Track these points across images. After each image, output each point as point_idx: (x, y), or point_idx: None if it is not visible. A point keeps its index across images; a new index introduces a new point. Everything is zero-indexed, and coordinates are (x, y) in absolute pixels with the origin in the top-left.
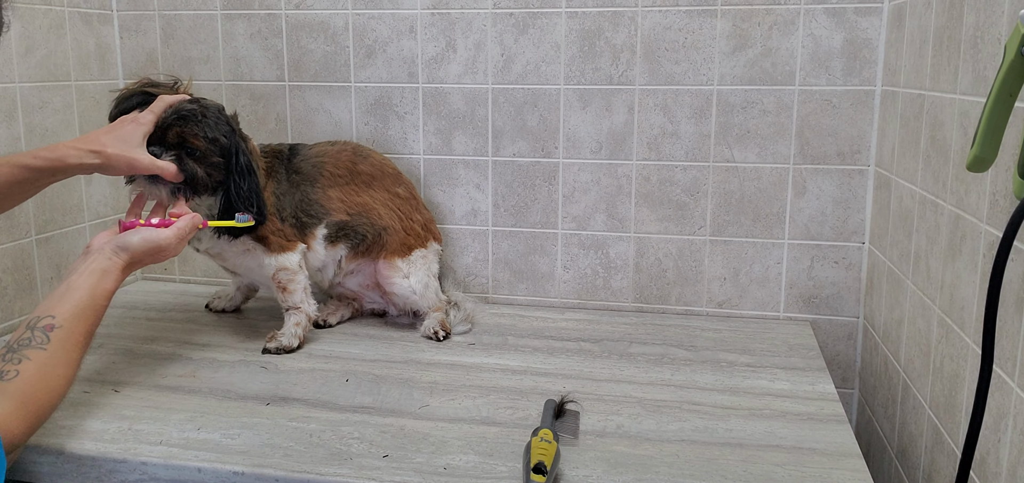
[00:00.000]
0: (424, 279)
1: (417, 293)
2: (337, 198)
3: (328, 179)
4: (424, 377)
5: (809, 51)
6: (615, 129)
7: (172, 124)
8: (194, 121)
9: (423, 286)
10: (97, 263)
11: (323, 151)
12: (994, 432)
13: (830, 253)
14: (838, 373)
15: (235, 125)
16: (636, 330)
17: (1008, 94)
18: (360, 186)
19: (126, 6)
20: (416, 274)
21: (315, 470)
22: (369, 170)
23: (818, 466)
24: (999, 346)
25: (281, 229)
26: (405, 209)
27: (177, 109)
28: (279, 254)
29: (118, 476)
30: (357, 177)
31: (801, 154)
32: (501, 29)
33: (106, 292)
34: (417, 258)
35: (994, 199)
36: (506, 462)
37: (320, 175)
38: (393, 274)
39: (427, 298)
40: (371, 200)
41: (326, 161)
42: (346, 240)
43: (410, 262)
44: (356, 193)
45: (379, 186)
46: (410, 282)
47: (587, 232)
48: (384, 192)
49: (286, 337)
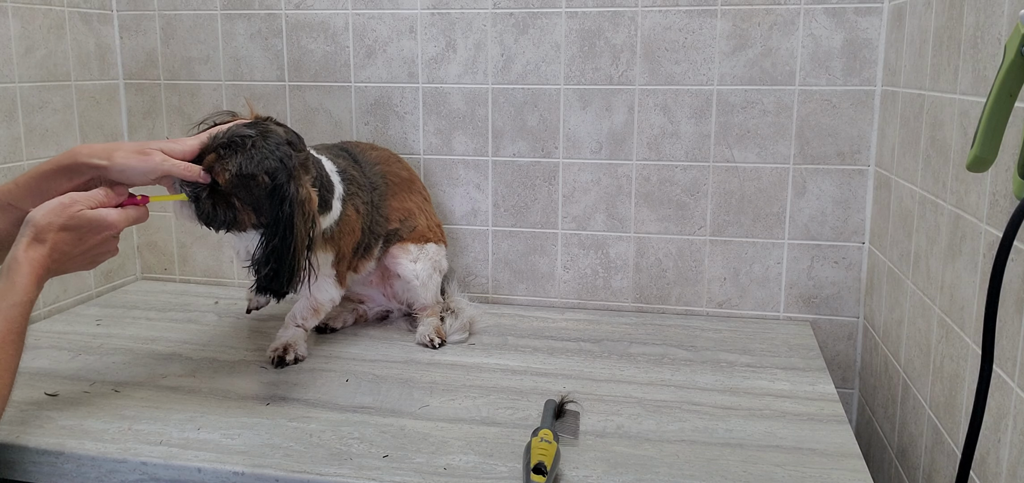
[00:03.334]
0: (429, 270)
1: (419, 280)
2: (396, 207)
3: (391, 189)
4: (424, 377)
5: (809, 51)
6: (615, 129)
7: (211, 148)
8: (233, 150)
9: (427, 275)
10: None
11: (377, 157)
12: (994, 432)
13: (830, 253)
14: (838, 373)
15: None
16: (636, 330)
17: (1008, 94)
18: (405, 192)
19: (126, 6)
20: (423, 262)
21: (315, 470)
22: (407, 174)
23: (818, 466)
24: (999, 346)
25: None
26: (428, 209)
27: (231, 133)
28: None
29: (118, 476)
30: (404, 184)
31: (801, 154)
32: (501, 29)
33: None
34: (430, 249)
35: (994, 199)
36: (506, 462)
37: (386, 185)
38: (403, 256)
39: (428, 289)
40: (412, 204)
41: (388, 170)
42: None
43: (422, 249)
44: (406, 199)
45: (416, 189)
46: (416, 267)
47: (587, 232)
48: (418, 195)
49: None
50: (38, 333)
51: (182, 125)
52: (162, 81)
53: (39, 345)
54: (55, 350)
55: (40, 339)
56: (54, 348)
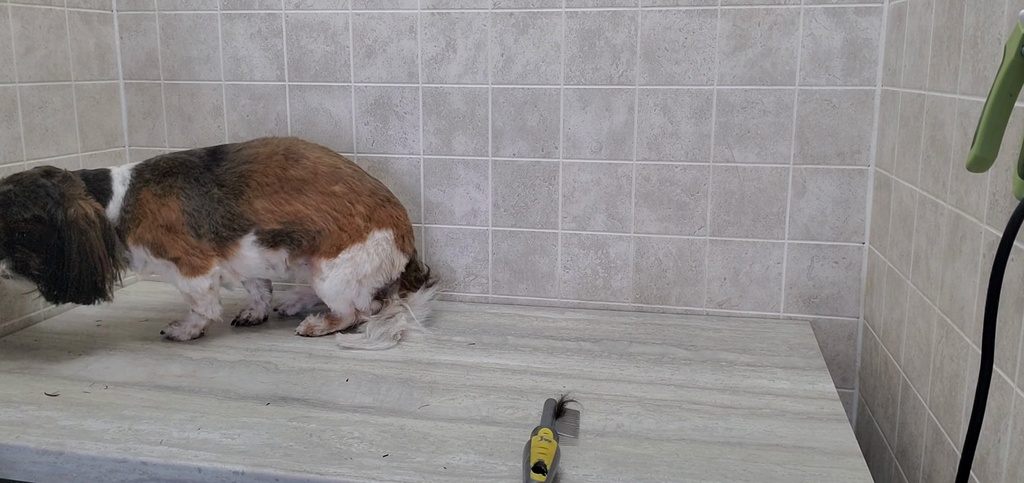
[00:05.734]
0: (338, 286)
1: (329, 297)
2: (265, 209)
3: (255, 190)
4: (424, 377)
5: (809, 51)
6: (615, 129)
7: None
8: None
9: (335, 292)
10: None
11: (252, 156)
12: (994, 432)
13: (830, 253)
14: (838, 373)
15: (56, 194)
16: (636, 330)
17: (1008, 94)
18: (291, 194)
19: (126, 6)
20: (333, 278)
21: (315, 470)
22: (301, 174)
23: (818, 465)
24: (999, 346)
25: (197, 247)
26: (342, 206)
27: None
28: (190, 278)
29: (118, 476)
30: (288, 184)
31: (801, 154)
32: (501, 29)
33: None
34: (342, 260)
35: (994, 199)
36: (506, 461)
37: (246, 186)
38: (314, 277)
39: (339, 304)
40: (303, 207)
41: (254, 170)
42: (286, 245)
43: (333, 265)
44: (287, 202)
45: (312, 190)
46: (325, 286)
47: (587, 232)
48: (317, 195)
49: (180, 331)
50: (38, 333)
51: (182, 125)
52: (162, 81)
53: (39, 345)
54: (55, 350)
55: (40, 339)
56: (54, 348)
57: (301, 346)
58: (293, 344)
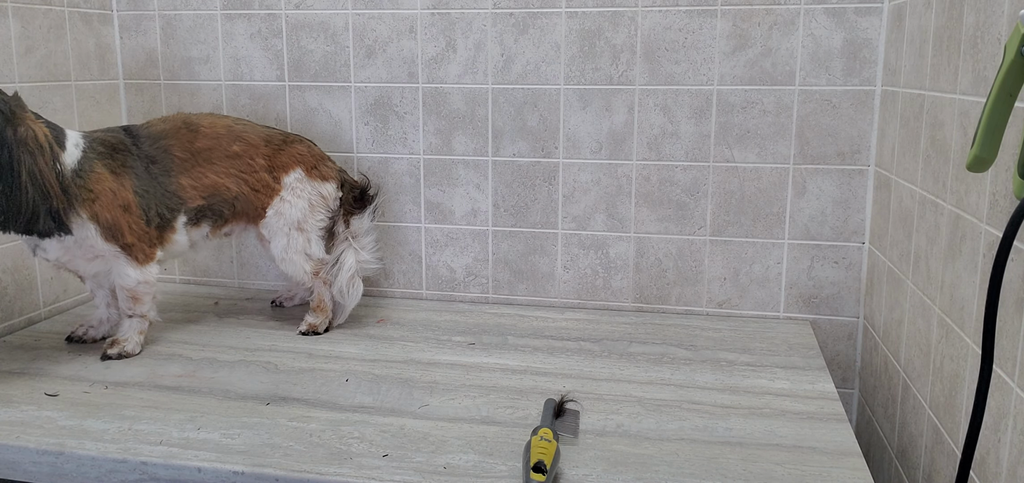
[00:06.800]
0: (282, 242)
1: (281, 259)
2: (189, 185)
3: (178, 167)
4: (424, 377)
5: (809, 51)
6: (615, 129)
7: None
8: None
9: (283, 250)
10: None
11: (162, 131)
12: (994, 432)
13: (830, 253)
14: (838, 373)
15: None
16: (636, 330)
17: (1008, 94)
18: (204, 165)
19: (126, 6)
20: (275, 240)
21: (315, 470)
22: (206, 144)
23: (818, 465)
24: (999, 346)
25: (147, 233)
26: (245, 166)
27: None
28: (144, 266)
29: (118, 476)
30: (199, 156)
31: (801, 154)
32: (501, 29)
33: None
34: (271, 217)
35: (994, 199)
36: (506, 461)
37: (172, 162)
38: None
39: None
40: (217, 176)
41: (171, 144)
42: (208, 219)
43: (266, 225)
44: (203, 175)
45: (219, 156)
46: (273, 249)
47: (587, 232)
48: (224, 160)
49: (131, 344)
50: (38, 333)
51: None
52: (162, 81)
53: (39, 345)
54: (55, 350)
55: (40, 339)
56: (54, 348)
57: (301, 346)
58: (293, 344)
